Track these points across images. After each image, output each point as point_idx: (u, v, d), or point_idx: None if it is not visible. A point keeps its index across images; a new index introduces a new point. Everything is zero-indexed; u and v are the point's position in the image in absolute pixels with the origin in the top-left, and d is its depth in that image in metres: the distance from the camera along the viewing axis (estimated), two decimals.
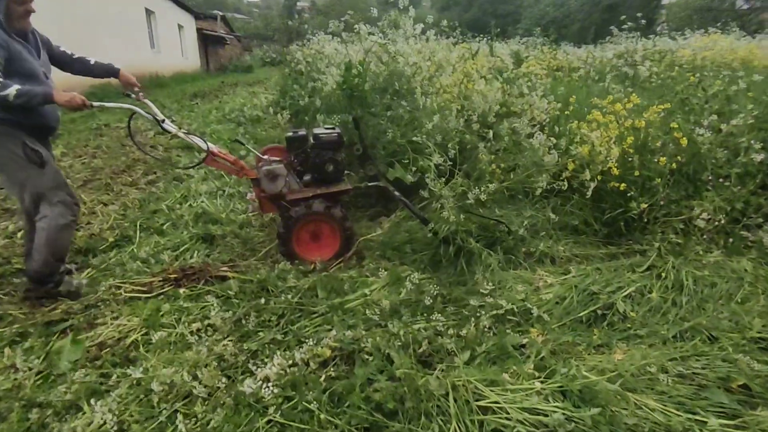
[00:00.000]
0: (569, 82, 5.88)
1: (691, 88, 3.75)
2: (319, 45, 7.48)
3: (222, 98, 11.32)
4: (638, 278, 2.51)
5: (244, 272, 2.59)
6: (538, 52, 10.58)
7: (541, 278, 2.57)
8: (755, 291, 2.43)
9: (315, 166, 2.95)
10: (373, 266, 2.72)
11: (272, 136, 6.31)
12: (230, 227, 3.32)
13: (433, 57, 4.71)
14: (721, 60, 8.30)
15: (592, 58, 8.41)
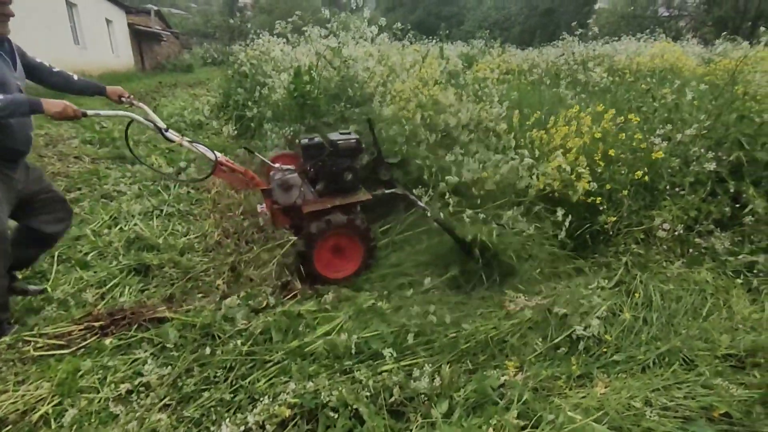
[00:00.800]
0: (521, 86, 5.90)
1: (643, 97, 3.82)
2: (264, 46, 7.09)
3: (160, 101, 10.52)
4: (608, 296, 2.45)
5: (185, 312, 2.26)
6: (487, 54, 10.73)
7: (511, 301, 2.45)
8: (717, 303, 2.44)
9: (332, 174, 2.75)
10: (332, 296, 2.47)
11: (216, 144, 5.85)
12: (169, 254, 2.94)
13: (387, 61, 4.53)
14: (653, 65, 8.76)
15: (544, 63, 8.58)
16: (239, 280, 2.75)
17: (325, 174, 2.78)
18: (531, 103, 4.86)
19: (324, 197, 2.76)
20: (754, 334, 2.20)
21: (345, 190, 2.78)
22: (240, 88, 6.94)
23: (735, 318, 2.33)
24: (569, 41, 11.44)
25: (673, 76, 7.31)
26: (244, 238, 3.38)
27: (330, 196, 2.75)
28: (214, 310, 2.24)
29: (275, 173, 2.69)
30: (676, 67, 8.66)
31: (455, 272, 2.77)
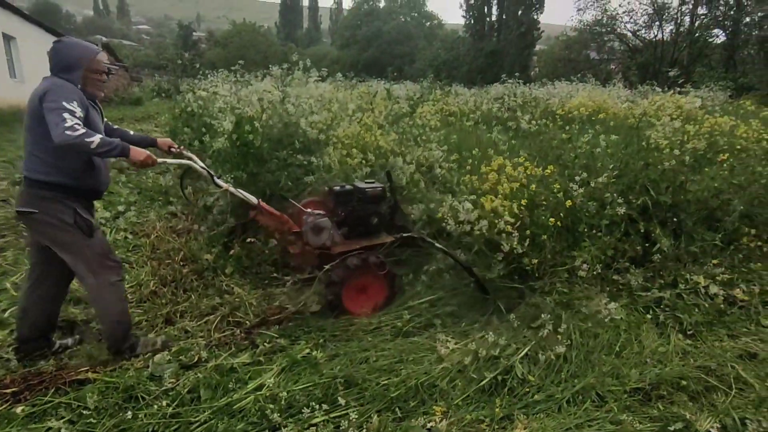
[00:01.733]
0: (463, 128, 6.26)
1: (564, 145, 4.18)
2: (213, 85, 7.13)
3: None
4: (532, 335, 2.61)
5: (110, 372, 2.18)
6: (433, 95, 11.26)
7: (443, 345, 2.55)
8: (630, 338, 2.65)
9: (360, 218, 3.04)
10: (267, 346, 2.48)
11: (161, 184, 5.73)
12: None
13: (332, 106, 4.69)
14: (586, 107, 9.54)
15: (484, 104, 9.11)
16: (174, 333, 2.69)
17: (353, 218, 3.05)
18: (470, 146, 5.17)
19: (350, 239, 3.01)
20: (660, 366, 2.41)
21: (370, 233, 3.06)
22: (187, 128, 6.90)
23: (644, 352, 2.54)
24: (510, 83, 12.27)
25: (599, 119, 7.99)
26: (182, 287, 3.32)
27: (356, 238, 3.03)
28: (142, 368, 2.18)
29: (308, 217, 2.92)
30: (603, 109, 9.48)
31: (407, 316, 2.86)
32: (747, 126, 5.47)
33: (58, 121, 1.96)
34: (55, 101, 2.01)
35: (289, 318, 2.86)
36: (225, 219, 3.92)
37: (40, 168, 2.13)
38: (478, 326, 2.74)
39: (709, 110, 7.84)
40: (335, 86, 7.07)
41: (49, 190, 2.15)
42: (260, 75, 6.80)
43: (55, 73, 2.18)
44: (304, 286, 3.28)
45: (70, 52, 2.19)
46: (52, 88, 2.07)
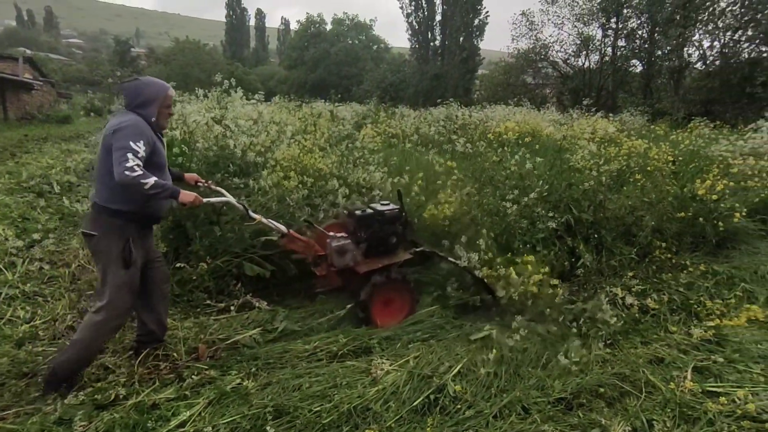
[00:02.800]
0: (404, 150, 6.41)
1: (497, 166, 4.41)
2: None
3: (20, 157, 9.42)
4: (465, 353, 2.68)
5: (15, 419, 1.99)
6: (378, 116, 11.49)
7: (378, 366, 2.55)
8: (556, 351, 2.79)
9: (380, 239, 3.21)
10: (195, 379, 2.36)
11: (82, 212, 5.36)
12: (5, 347, 2.59)
13: (270, 128, 4.66)
14: (519, 130, 10.12)
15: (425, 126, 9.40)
16: (91, 371, 2.51)
17: (374, 239, 3.20)
18: (410, 168, 5.30)
19: (370, 258, 3.16)
20: (581, 376, 2.55)
21: (389, 251, 3.23)
22: None
23: (568, 363, 2.68)
24: (452, 105, 12.77)
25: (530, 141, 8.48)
26: None
27: (376, 257, 3.17)
28: (50, 412, 2.01)
29: (332, 240, 3.06)
30: (536, 131, 10.10)
31: (343, 339, 2.84)
32: (658, 148, 6.05)
33: (121, 160, 2.15)
34: (123, 139, 2.19)
35: (222, 348, 2.75)
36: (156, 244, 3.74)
37: (107, 195, 2.31)
38: (413, 347, 2.78)
39: (628, 134, 8.60)
40: (278, 107, 7.03)
41: (112, 216, 2.32)
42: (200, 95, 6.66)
43: (132, 108, 2.38)
44: (238, 313, 3.19)
45: (147, 89, 2.40)
46: (124, 125, 2.25)
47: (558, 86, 27.61)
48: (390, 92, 34.44)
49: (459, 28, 31.05)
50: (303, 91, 40.40)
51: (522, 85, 28.29)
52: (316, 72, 43.84)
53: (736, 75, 16.36)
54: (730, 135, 6.38)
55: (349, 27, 48.00)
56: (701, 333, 2.83)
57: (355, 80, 41.26)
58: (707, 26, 18.11)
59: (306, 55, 44.96)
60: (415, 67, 34.50)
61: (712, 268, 3.86)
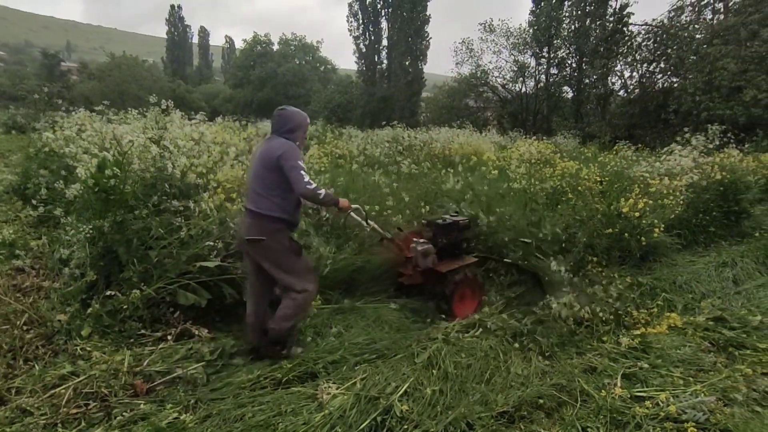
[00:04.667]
0: (351, 171, 6.46)
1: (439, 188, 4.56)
2: (78, 123, 6.47)
3: None
4: (411, 372, 2.70)
5: None
6: (325, 136, 11.51)
7: (324, 390, 2.51)
8: (498, 366, 2.88)
9: (455, 244, 3.84)
10: (126, 416, 2.20)
11: (10, 233, 4.88)
12: None
13: (212, 149, 4.54)
14: (462, 151, 10.53)
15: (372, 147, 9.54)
16: (7, 415, 2.27)
17: (450, 244, 3.79)
18: (356, 188, 5.34)
19: (444, 260, 3.72)
20: (522, 388, 2.64)
21: (461, 254, 3.86)
22: (44, 170, 6.11)
23: (509, 377, 2.78)
24: (398, 127, 13.07)
25: (476, 160, 8.81)
26: (23, 356, 2.84)
27: (452, 260, 3.77)
28: None
29: (416, 245, 3.62)
30: (479, 152, 10.56)
31: (288, 365, 2.77)
32: (588, 169, 6.52)
33: (299, 178, 2.72)
34: (293, 160, 2.74)
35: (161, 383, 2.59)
36: (84, 272, 3.48)
37: (268, 206, 2.80)
38: (360, 369, 2.76)
39: (561, 155, 9.21)
40: (222, 127, 6.87)
41: (273, 223, 2.82)
42: (135, 115, 6.37)
43: (280, 133, 2.89)
44: (176, 342, 3.03)
45: (294, 117, 2.95)
46: (287, 149, 2.77)
47: (498, 110, 29.10)
48: (338, 113, 34.70)
49: (404, 52, 32.08)
50: (249, 110, 39.76)
51: (465, 108, 29.53)
52: (263, 91, 43.40)
53: (653, 103, 18.10)
54: (649, 157, 7.00)
55: (296, 47, 48.13)
56: (629, 341, 3.04)
57: (302, 100, 41.23)
58: (626, 58, 19.95)
59: (252, 74, 44.44)
60: (362, 88, 35.09)
61: (637, 280, 4.18)
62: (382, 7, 33.60)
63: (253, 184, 2.89)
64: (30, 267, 4.25)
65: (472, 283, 3.77)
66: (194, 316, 3.31)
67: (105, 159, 3.35)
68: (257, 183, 2.85)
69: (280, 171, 2.75)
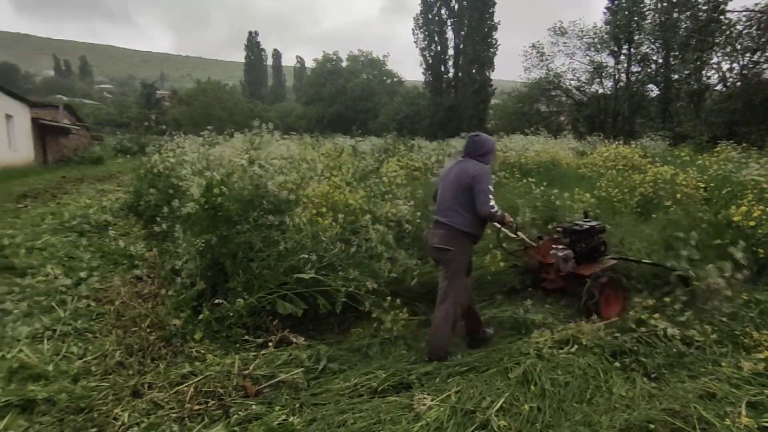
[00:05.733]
0: (427, 183, 6.51)
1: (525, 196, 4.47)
2: (180, 147, 7.19)
3: (61, 198, 9.89)
4: (505, 387, 2.66)
5: None
6: (398, 149, 11.70)
7: (420, 401, 2.55)
8: (599, 385, 2.74)
9: (594, 248, 3.94)
10: (242, 415, 2.40)
11: (122, 249, 5.56)
12: (59, 383, 2.69)
13: (300, 166, 4.82)
14: (539, 159, 10.16)
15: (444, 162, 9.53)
16: (142, 407, 2.57)
17: (590, 248, 3.91)
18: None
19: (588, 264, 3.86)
20: (629, 411, 2.49)
21: (599, 258, 3.94)
22: (152, 188, 6.85)
23: (612, 398, 2.63)
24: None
25: (554, 168, 8.48)
26: (150, 355, 3.20)
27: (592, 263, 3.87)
28: None
29: (557, 251, 3.80)
30: (556, 160, 10.13)
31: (382, 375, 2.85)
32: (685, 174, 6.00)
33: (486, 201, 3.04)
34: (484, 183, 3.07)
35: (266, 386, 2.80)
36: (194, 281, 3.85)
37: (461, 221, 3.13)
38: (453, 381, 2.77)
39: (652, 160, 8.55)
40: (303, 144, 7.27)
41: (464, 237, 3.16)
42: (228, 136, 6.94)
43: (474, 156, 3.25)
44: (276, 349, 3.24)
45: (487, 143, 3.30)
46: (482, 173, 3.11)
47: (573, 113, 27.73)
48: (405, 125, 35.11)
49: (472, 60, 31.78)
50: (321, 125, 41.49)
51: (536, 113, 28.53)
52: (333, 107, 45.11)
53: (758, 96, 16.23)
54: (760, 158, 6.29)
55: (363, 63, 49.57)
56: (752, 366, 2.75)
57: (371, 114, 42.28)
58: (725, 49, 18.13)
59: (323, 91, 46.41)
60: (429, 99, 35.23)
61: (754, 296, 3.77)
62: (448, 17, 33.64)
63: (447, 200, 3.22)
64: (147, 276, 4.80)
65: (616, 284, 3.76)
66: (291, 324, 3.53)
67: (213, 179, 3.70)
68: (452, 200, 3.18)
69: (471, 191, 3.09)
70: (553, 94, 28.08)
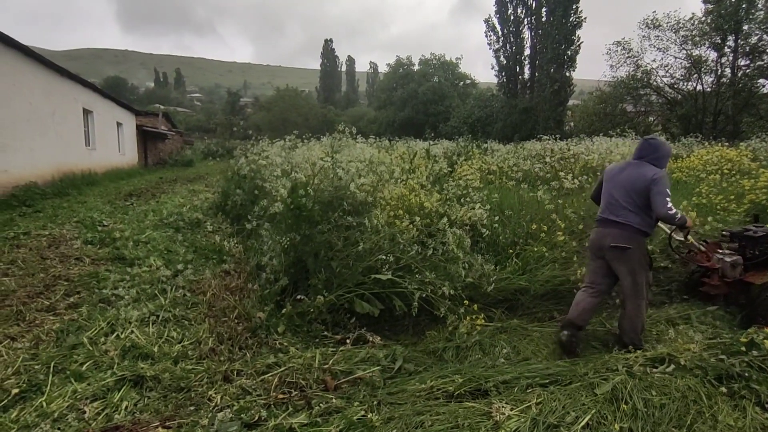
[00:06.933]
0: (502, 188, 6.35)
1: None
2: (264, 151, 7.66)
3: (160, 197, 10.97)
4: (591, 403, 2.51)
5: (178, 429, 2.27)
6: (470, 153, 11.51)
7: (499, 410, 2.49)
8: (701, 411, 2.50)
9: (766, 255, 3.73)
10: (323, 407, 2.50)
11: (212, 245, 6.04)
12: (163, 363, 2.99)
13: (377, 168, 4.92)
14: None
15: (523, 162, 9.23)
16: (232, 391, 2.78)
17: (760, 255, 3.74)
18: (511, 204, 5.23)
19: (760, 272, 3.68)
20: None
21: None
22: (239, 189, 7.36)
23: (718, 427, 2.38)
24: (547, 139, 12.36)
25: None
26: (238, 344, 3.45)
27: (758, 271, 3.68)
28: (208, 425, 2.27)
29: (724, 256, 3.71)
30: None
31: (459, 380, 2.84)
32: None
33: (664, 203, 3.16)
34: (662, 186, 3.19)
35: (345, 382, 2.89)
36: (278, 277, 4.08)
37: (637, 220, 3.29)
38: (533, 392, 2.67)
39: (764, 163, 7.61)
40: (377, 147, 7.40)
41: (641, 235, 3.32)
42: (306, 140, 7.26)
43: (648, 160, 3.35)
44: (354, 346, 3.34)
45: (663, 147, 3.38)
46: (660, 176, 3.22)
47: (664, 113, 25.47)
48: (478, 127, 34.42)
49: (550, 60, 30.38)
50: (391, 129, 42.01)
51: (621, 114, 26.58)
52: (404, 111, 45.45)
53: None
54: None
55: (435, 66, 49.43)
56: None
57: (442, 117, 41.97)
58: None
59: (394, 95, 46.95)
60: (503, 101, 34.24)
61: None
62: (525, 15, 32.49)
63: (619, 200, 3.35)
64: (234, 270, 5.17)
65: None
66: (367, 323, 3.61)
67: (298, 180, 3.90)
68: (625, 200, 3.32)
69: (647, 192, 3.21)
70: (642, 93, 25.96)
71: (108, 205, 9.50)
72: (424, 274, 3.52)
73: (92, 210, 8.73)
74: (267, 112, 47.76)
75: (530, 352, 3.26)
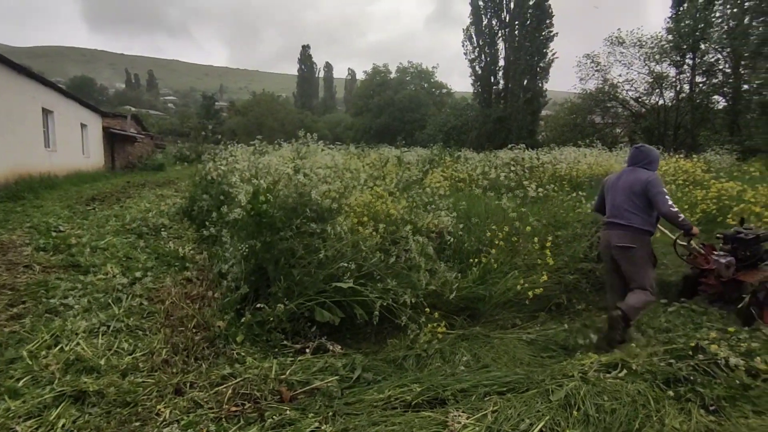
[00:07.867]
0: (471, 196, 6.41)
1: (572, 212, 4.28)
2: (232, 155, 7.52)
3: (125, 202, 10.61)
4: (546, 410, 2.53)
5: None
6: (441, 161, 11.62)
7: (455, 419, 2.48)
8: (649, 415, 2.55)
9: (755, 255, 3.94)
10: (276, 419, 2.44)
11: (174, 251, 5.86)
12: (109, 377, 2.85)
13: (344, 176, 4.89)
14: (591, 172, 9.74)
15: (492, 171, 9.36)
16: (183, 405, 2.67)
17: (754, 255, 3.94)
18: (478, 212, 5.28)
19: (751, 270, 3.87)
20: None
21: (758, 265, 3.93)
22: (205, 194, 7.20)
23: (665, 430, 2.43)
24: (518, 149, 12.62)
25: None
26: (194, 355, 3.33)
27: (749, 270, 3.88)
28: None
29: (719, 257, 3.90)
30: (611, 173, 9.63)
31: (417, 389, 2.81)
32: (754, 191, 5.53)
33: (665, 201, 3.44)
34: (659, 186, 3.48)
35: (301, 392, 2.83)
36: (239, 285, 3.98)
37: (639, 221, 3.55)
38: (490, 400, 2.67)
39: (715, 175, 7.96)
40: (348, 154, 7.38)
41: (644, 235, 3.57)
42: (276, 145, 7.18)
43: (641, 165, 3.65)
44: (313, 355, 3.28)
45: (652, 153, 3.69)
46: (654, 178, 3.52)
47: (630, 125, 26.42)
48: (453, 136, 34.84)
49: (523, 71, 31.13)
50: (368, 136, 42.08)
51: (590, 125, 27.42)
52: (381, 118, 45.66)
53: None
54: None
55: (412, 75, 49.92)
56: None
57: (418, 125, 42.35)
58: None
59: (371, 102, 47.13)
60: (477, 110, 34.81)
61: None
62: (499, 27, 33.24)
63: (621, 204, 3.63)
64: (196, 278, 5.02)
65: None
66: (328, 331, 3.56)
67: (259, 186, 3.83)
68: (626, 204, 3.60)
69: (646, 195, 3.49)
70: (609, 106, 26.89)
71: (66, 210, 9.11)
72: (386, 281, 3.50)
73: (48, 215, 8.36)
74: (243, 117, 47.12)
75: (490, 359, 3.27)
